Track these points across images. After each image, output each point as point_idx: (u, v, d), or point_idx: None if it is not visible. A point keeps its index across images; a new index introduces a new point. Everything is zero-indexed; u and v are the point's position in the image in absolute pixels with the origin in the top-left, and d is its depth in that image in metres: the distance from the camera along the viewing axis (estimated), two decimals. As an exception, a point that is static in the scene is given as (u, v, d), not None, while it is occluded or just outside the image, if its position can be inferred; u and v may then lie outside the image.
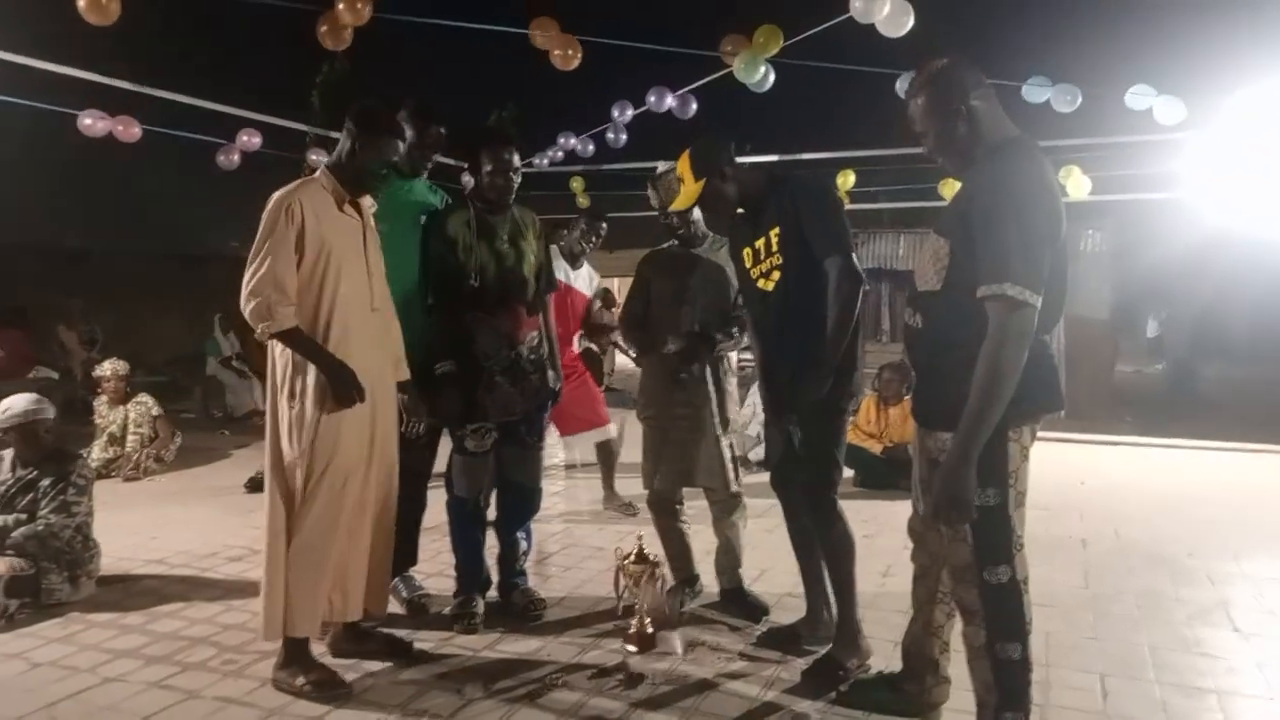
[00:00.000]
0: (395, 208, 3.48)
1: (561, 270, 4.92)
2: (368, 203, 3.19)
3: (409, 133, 3.53)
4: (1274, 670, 3.23)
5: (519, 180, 3.61)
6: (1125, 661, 3.27)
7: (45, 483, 3.92)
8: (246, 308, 2.88)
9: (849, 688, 3.02)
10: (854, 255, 3.07)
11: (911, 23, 5.51)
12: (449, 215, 3.56)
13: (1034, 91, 6.80)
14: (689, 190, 3.21)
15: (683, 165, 3.22)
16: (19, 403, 4.01)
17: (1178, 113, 6.64)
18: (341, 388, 2.93)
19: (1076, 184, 8.87)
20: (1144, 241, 12.56)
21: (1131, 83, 6.78)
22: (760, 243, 3.17)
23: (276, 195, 2.97)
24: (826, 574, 3.29)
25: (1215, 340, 14.22)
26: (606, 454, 5.43)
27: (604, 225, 5.26)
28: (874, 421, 6.53)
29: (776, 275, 3.13)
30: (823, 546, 3.25)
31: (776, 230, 3.11)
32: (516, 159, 3.57)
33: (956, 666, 2.76)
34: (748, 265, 3.24)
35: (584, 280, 5.27)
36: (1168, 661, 3.28)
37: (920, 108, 2.48)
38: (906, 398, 6.48)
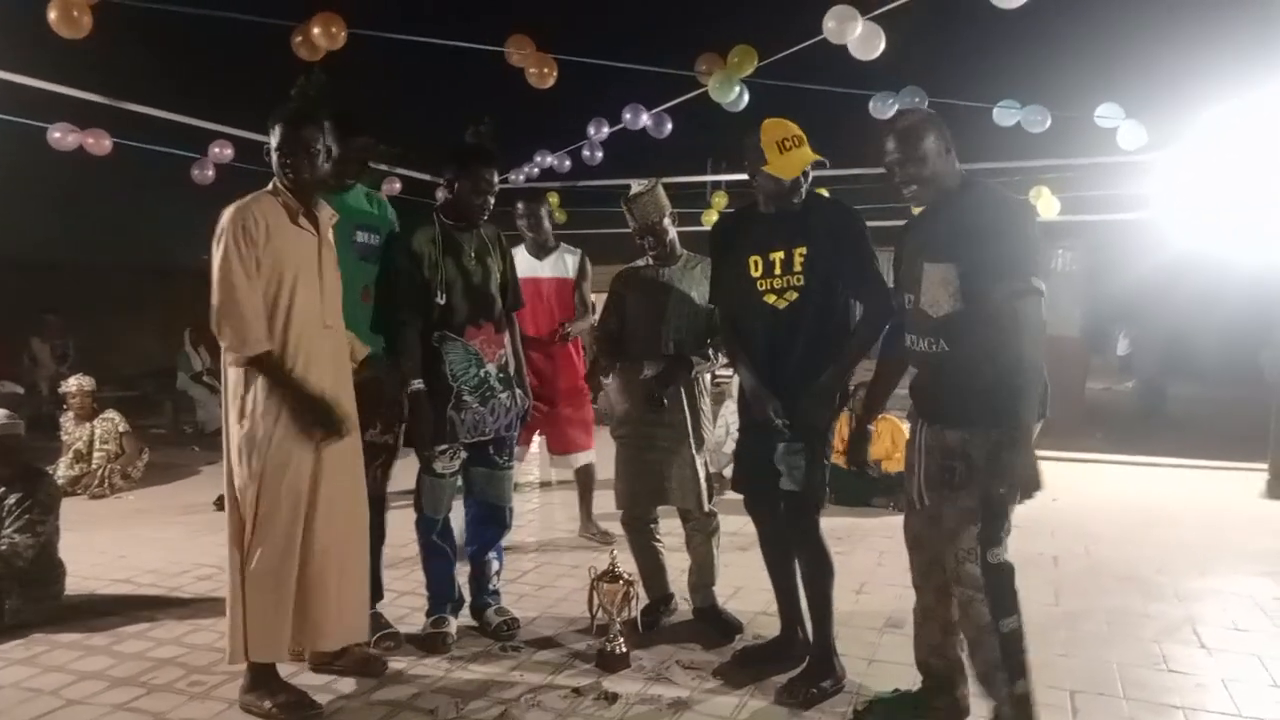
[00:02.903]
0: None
1: (526, 266, 4.79)
2: (326, 214, 3.11)
3: (331, 145, 3.44)
4: (1240, 687, 3.27)
5: (493, 201, 3.59)
6: (1095, 679, 3.30)
7: (10, 501, 3.86)
8: (222, 332, 2.83)
9: (865, 708, 3.01)
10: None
11: (883, 45, 5.57)
12: (414, 231, 3.50)
13: (1004, 115, 6.91)
14: (808, 156, 3.04)
15: (802, 135, 3.06)
16: None
17: (1140, 137, 6.76)
18: (313, 417, 2.88)
19: (1046, 204, 8.98)
20: (1114, 261, 12.76)
21: (1101, 104, 6.90)
22: (777, 256, 3.12)
23: (230, 212, 2.89)
24: (803, 593, 3.29)
25: (1184, 359, 14.44)
26: (586, 478, 5.21)
27: (539, 204, 5.07)
28: (847, 439, 6.54)
29: (793, 296, 3.10)
30: (802, 566, 3.26)
31: (803, 250, 3.08)
32: (495, 179, 3.56)
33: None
34: (753, 274, 3.17)
35: (550, 267, 5.02)
36: (1136, 679, 3.31)
37: (926, 147, 2.68)
38: (884, 416, 6.51)
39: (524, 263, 4.81)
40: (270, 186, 3.03)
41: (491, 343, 3.59)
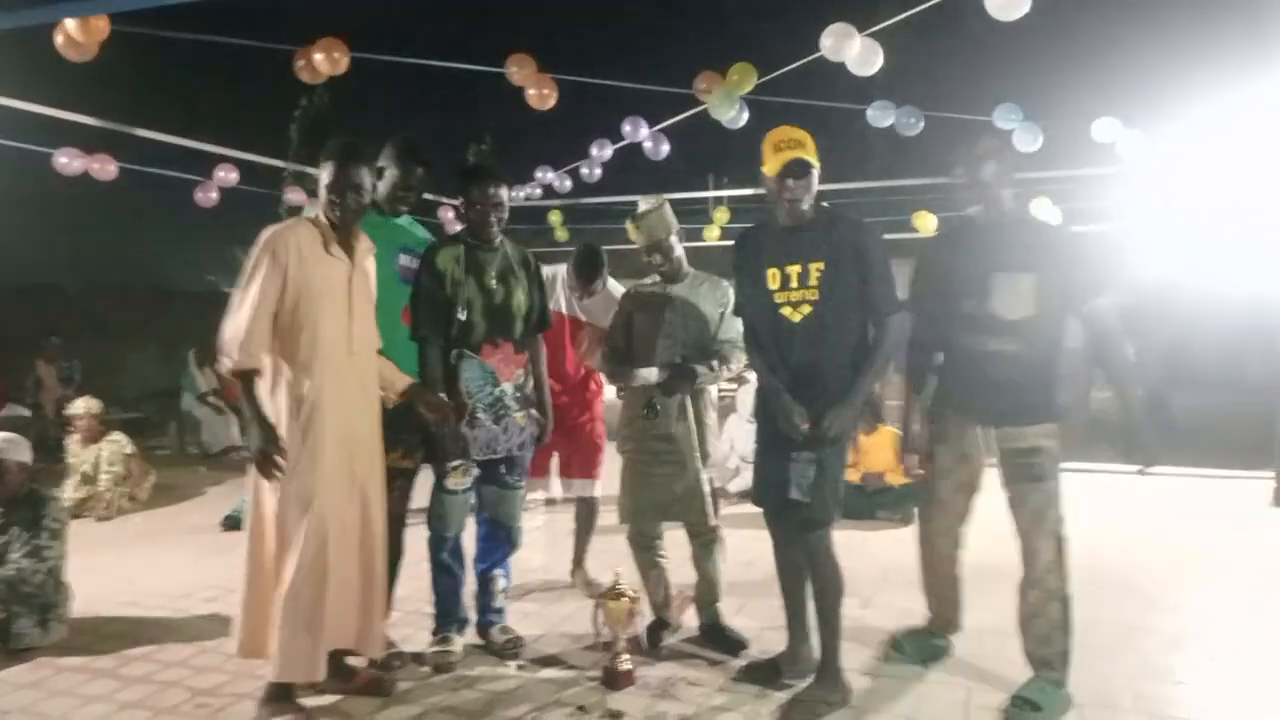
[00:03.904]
0: (374, 245, 3.48)
1: (561, 302, 4.40)
2: (364, 245, 3.20)
3: (394, 171, 3.56)
4: (1247, 698, 3.26)
5: (505, 216, 3.62)
6: (1102, 692, 3.29)
7: (17, 527, 3.87)
8: (223, 337, 2.92)
9: (894, 644, 3.62)
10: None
11: (881, 62, 5.61)
12: (440, 249, 3.58)
13: (1004, 119, 6.91)
14: (813, 158, 3.10)
15: (809, 137, 3.12)
16: None
17: (1141, 146, 6.78)
18: (261, 454, 2.91)
19: (1047, 215, 9.01)
20: (1116, 271, 12.76)
21: (1098, 112, 6.93)
22: (794, 269, 3.17)
23: (265, 234, 3.01)
24: (812, 608, 3.30)
25: (1189, 367, 14.41)
26: (588, 513, 4.60)
27: (594, 270, 4.37)
28: (850, 451, 6.55)
29: (807, 309, 3.15)
30: (814, 582, 3.26)
31: (820, 265, 3.12)
32: (503, 194, 3.60)
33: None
34: (771, 286, 3.21)
35: (599, 309, 4.37)
36: (1144, 691, 3.31)
37: (993, 174, 3.17)
38: (882, 427, 6.52)
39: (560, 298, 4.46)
40: (310, 215, 3.14)
41: (509, 362, 3.61)
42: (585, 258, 4.33)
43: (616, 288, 4.40)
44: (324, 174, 3.11)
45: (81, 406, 6.82)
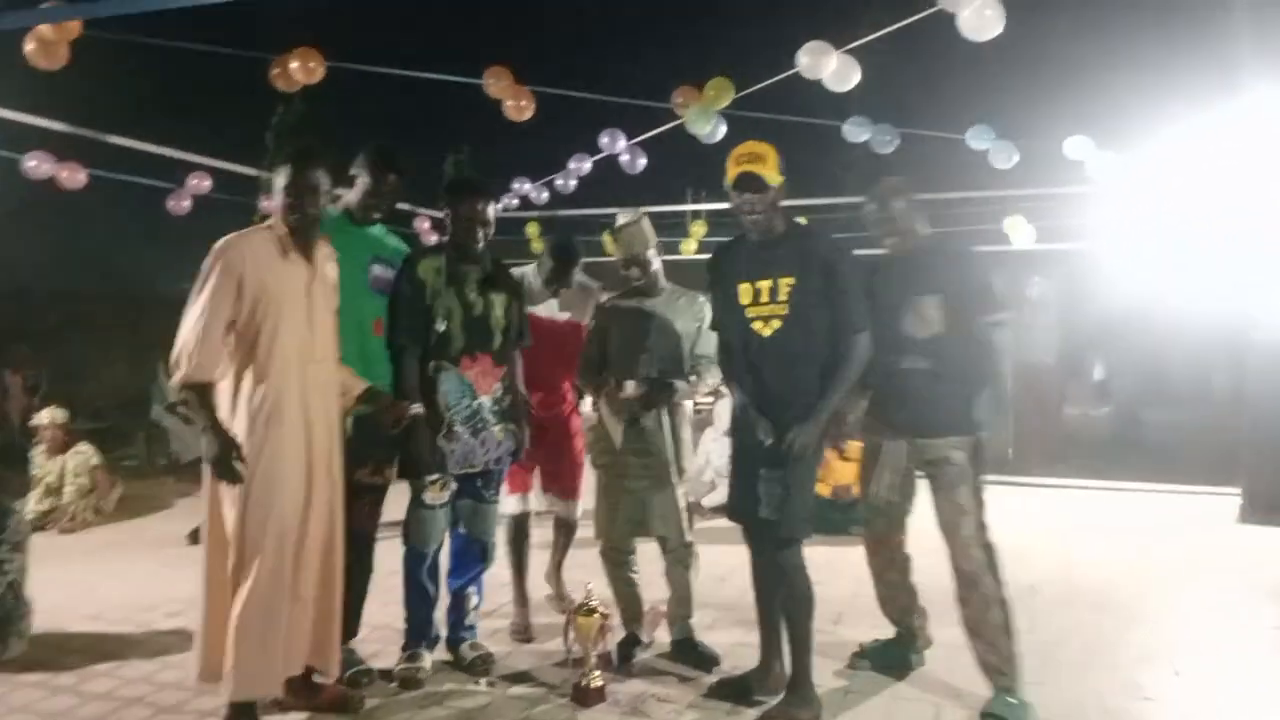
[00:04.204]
0: (345, 253, 3.43)
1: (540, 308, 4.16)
2: (324, 252, 3.15)
3: (366, 179, 3.53)
4: (1213, 713, 3.29)
5: (491, 232, 3.60)
6: (1070, 706, 3.30)
7: (-25, 538, 3.80)
8: (175, 349, 2.88)
9: (860, 652, 3.69)
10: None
11: (857, 78, 5.66)
12: (421, 259, 3.56)
13: (977, 139, 6.98)
14: (772, 173, 3.11)
15: (772, 152, 3.13)
16: None
17: (1111, 166, 6.88)
18: (219, 465, 2.87)
19: (1021, 232, 9.11)
20: (1089, 288, 12.91)
21: (1071, 132, 7.02)
22: (765, 284, 3.18)
23: (218, 244, 2.95)
24: (783, 625, 3.29)
25: (1159, 384, 14.58)
26: (566, 532, 4.41)
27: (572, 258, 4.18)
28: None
29: (777, 324, 3.16)
30: (785, 598, 3.26)
31: (790, 281, 3.13)
32: (491, 211, 3.58)
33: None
34: (743, 301, 3.23)
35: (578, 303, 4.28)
36: (1112, 706, 3.32)
37: (900, 209, 3.40)
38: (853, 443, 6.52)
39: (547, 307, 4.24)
40: (269, 223, 3.08)
41: (487, 375, 3.58)
42: (563, 245, 4.18)
43: (589, 281, 4.34)
44: (279, 178, 3.05)
45: (47, 417, 6.72)
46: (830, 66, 5.55)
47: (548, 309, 4.17)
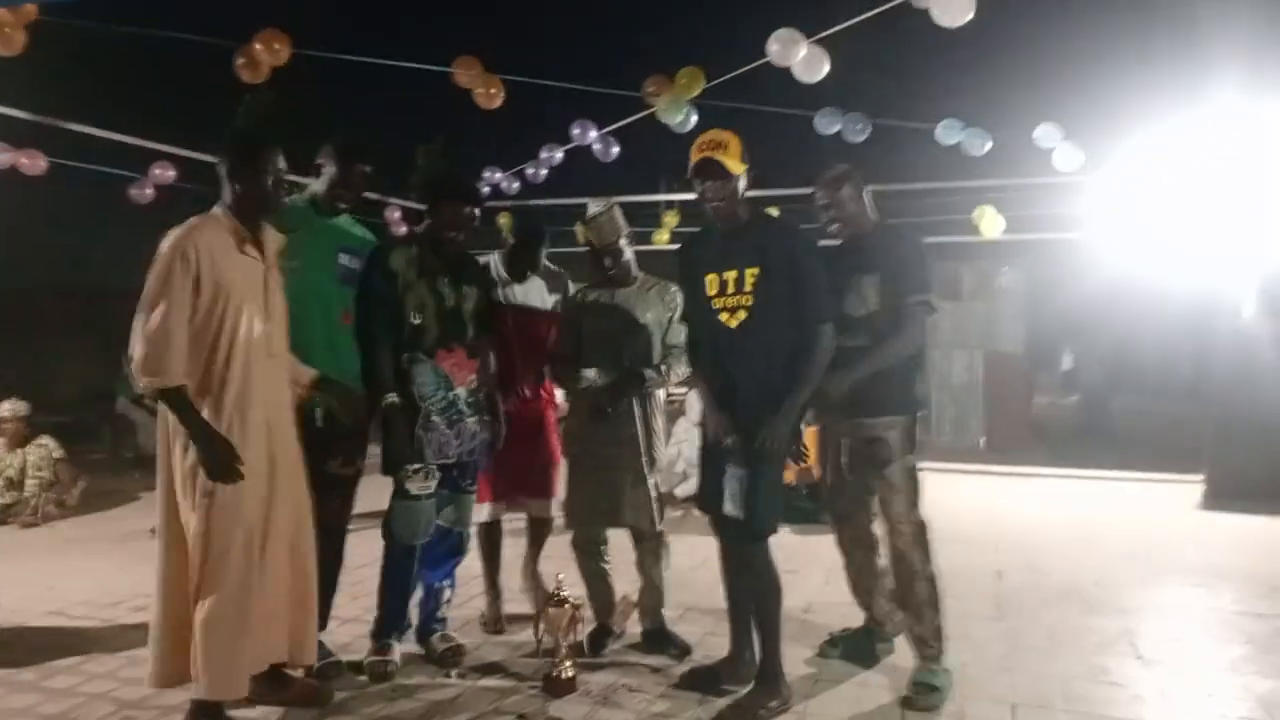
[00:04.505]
0: (312, 244, 3.40)
1: (503, 292, 3.98)
2: (272, 240, 3.07)
3: (332, 169, 3.48)
4: (1177, 697, 3.33)
5: (470, 233, 3.58)
6: (1035, 692, 3.34)
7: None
8: (136, 357, 2.75)
9: (830, 641, 3.72)
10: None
11: (827, 68, 5.66)
12: (392, 251, 3.51)
13: (947, 134, 7.04)
14: (734, 162, 3.08)
15: (735, 140, 3.12)
16: None
17: (1076, 158, 6.94)
18: (216, 463, 2.79)
19: (991, 223, 9.17)
20: (1058, 278, 13.05)
21: (1040, 125, 7.07)
22: (730, 275, 3.16)
23: (171, 236, 2.83)
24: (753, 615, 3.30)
25: (1126, 373, 14.80)
26: (541, 529, 4.25)
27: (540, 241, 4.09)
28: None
29: (743, 315, 3.14)
30: (752, 590, 3.26)
31: (755, 271, 3.11)
32: (474, 214, 3.56)
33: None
34: (710, 293, 3.22)
35: (536, 294, 4.06)
36: (1077, 691, 3.36)
37: (844, 196, 3.46)
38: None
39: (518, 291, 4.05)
40: (217, 211, 2.97)
41: (462, 367, 3.56)
42: (531, 228, 4.14)
43: (552, 267, 4.17)
44: (225, 164, 2.97)
45: (8, 409, 6.61)
46: (799, 55, 5.55)
47: (538, 293, 4.03)
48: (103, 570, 5.11)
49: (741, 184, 3.16)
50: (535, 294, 4.03)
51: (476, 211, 3.59)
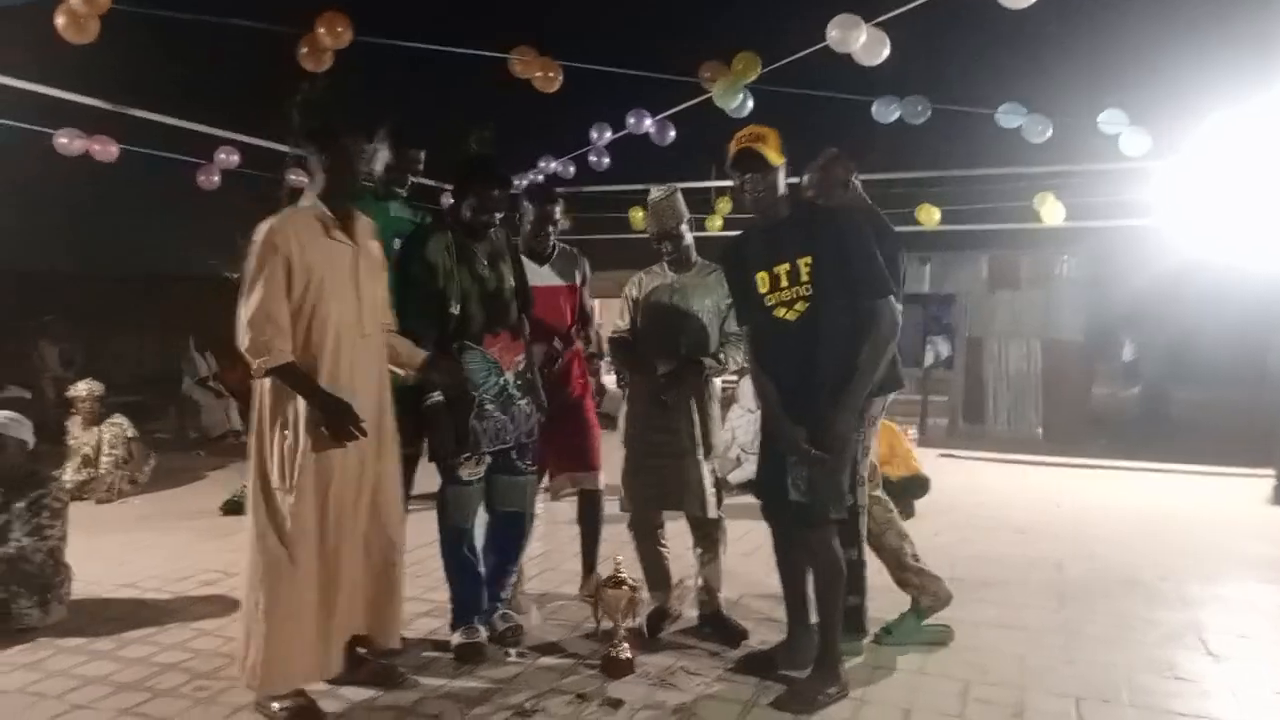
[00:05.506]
0: None
1: (533, 273, 3.94)
2: (364, 225, 3.14)
3: (386, 155, 3.54)
4: (1247, 694, 3.26)
5: (500, 216, 3.56)
6: (1099, 685, 3.29)
7: (19, 505, 3.87)
8: (243, 343, 2.85)
9: (885, 630, 3.64)
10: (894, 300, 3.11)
11: (887, 52, 5.58)
12: (427, 240, 3.48)
13: (1008, 118, 6.89)
14: (772, 154, 3.09)
15: (773, 134, 3.12)
16: None
17: (1143, 144, 6.75)
18: (338, 424, 2.88)
19: (1051, 210, 8.99)
20: (1120, 266, 12.75)
21: (1104, 109, 6.89)
22: (783, 269, 3.12)
23: (263, 227, 2.94)
24: (813, 600, 3.29)
25: (1189, 364, 14.40)
26: (593, 510, 4.18)
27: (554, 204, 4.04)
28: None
29: (802, 306, 3.10)
30: (815, 577, 3.25)
31: (808, 260, 3.07)
32: (503, 198, 3.55)
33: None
34: (762, 290, 3.18)
35: (551, 272, 4.06)
36: (1142, 685, 3.30)
37: (819, 180, 3.50)
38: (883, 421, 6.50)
39: (529, 268, 4.12)
40: (306, 200, 3.07)
41: (508, 350, 3.57)
42: (542, 189, 4.12)
43: (566, 248, 4.16)
44: (310, 153, 3.05)
45: (84, 389, 6.82)
46: (860, 39, 5.48)
47: (556, 271, 4.05)
48: (172, 545, 5.27)
49: (781, 176, 3.15)
50: (554, 272, 4.03)
51: (504, 195, 3.53)
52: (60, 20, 5.00)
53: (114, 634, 3.77)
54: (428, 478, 3.69)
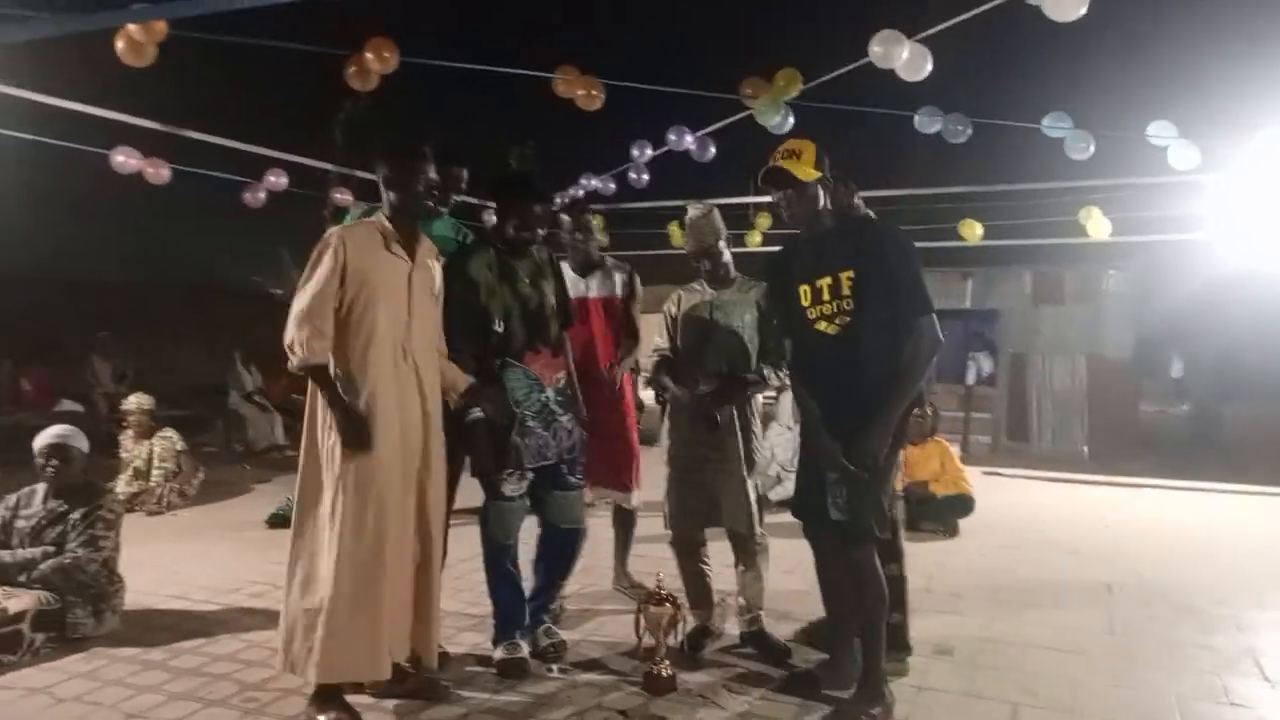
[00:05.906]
0: None
1: (571, 285, 4.09)
2: (426, 246, 3.22)
3: (430, 173, 3.59)
4: (1306, 722, 3.18)
5: (542, 232, 3.61)
6: (1153, 710, 3.23)
7: (75, 516, 3.97)
8: (286, 337, 2.96)
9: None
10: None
11: (930, 67, 5.56)
12: (470, 258, 3.52)
13: (1054, 129, 6.81)
14: (805, 169, 3.10)
15: (810, 148, 3.13)
16: (55, 427, 4.13)
17: (1192, 157, 6.64)
18: (351, 434, 2.95)
19: (1097, 225, 8.87)
20: (1167, 281, 12.52)
21: (1152, 122, 6.79)
22: (825, 282, 3.11)
23: (327, 235, 3.06)
24: (856, 620, 3.26)
25: (1239, 380, 14.09)
26: (626, 523, 4.53)
27: (589, 216, 4.37)
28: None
29: (844, 321, 3.08)
30: (857, 596, 3.21)
31: (850, 274, 3.06)
32: (545, 215, 3.59)
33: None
34: (804, 304, 3.17)
35: (597, 286, 4.25)
36: (1196, 711, 3.23)
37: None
38: (933, 438, 6.45)
39: (569, 280, 4.21)
40: (375, 216, 3.17)
41: (549, 366, 3.60)
42: (578, 201, 4.23)
43: (619, 269, 4.31)
44: (384, 170, 3.15)
45: (135, 402, 6.97)
46: (903, 56, 5.47)
47: (602, 284, 4.23)
48: (222, 557, 5.36)
49: (820, 190, 3.14)
50: (599, 285, 4.22)
51: (543, 208, 3.57)
52: (120, 45, 5.17)
53: (166, 644, 3.84)
54: (473, 492, 3.72)
